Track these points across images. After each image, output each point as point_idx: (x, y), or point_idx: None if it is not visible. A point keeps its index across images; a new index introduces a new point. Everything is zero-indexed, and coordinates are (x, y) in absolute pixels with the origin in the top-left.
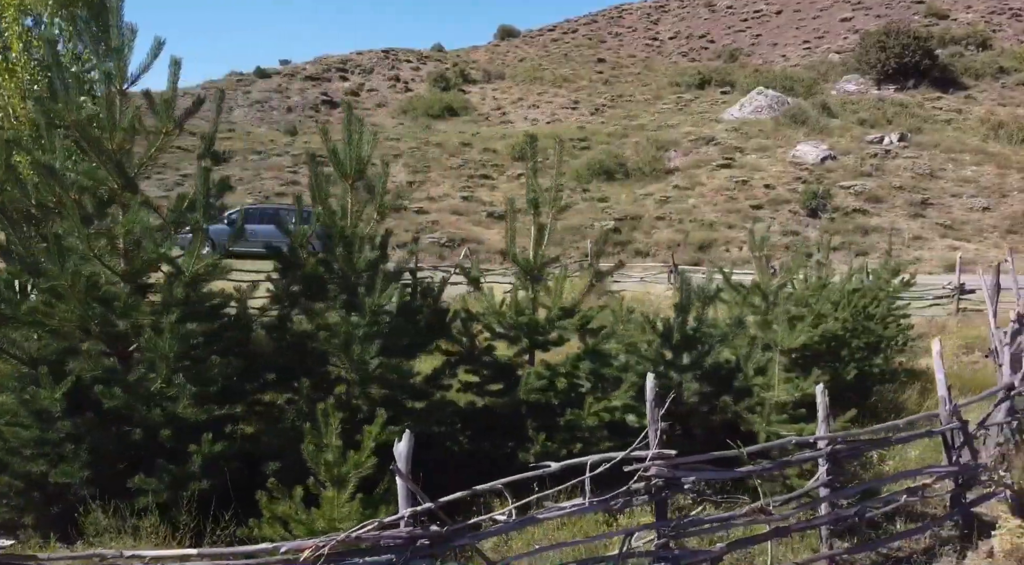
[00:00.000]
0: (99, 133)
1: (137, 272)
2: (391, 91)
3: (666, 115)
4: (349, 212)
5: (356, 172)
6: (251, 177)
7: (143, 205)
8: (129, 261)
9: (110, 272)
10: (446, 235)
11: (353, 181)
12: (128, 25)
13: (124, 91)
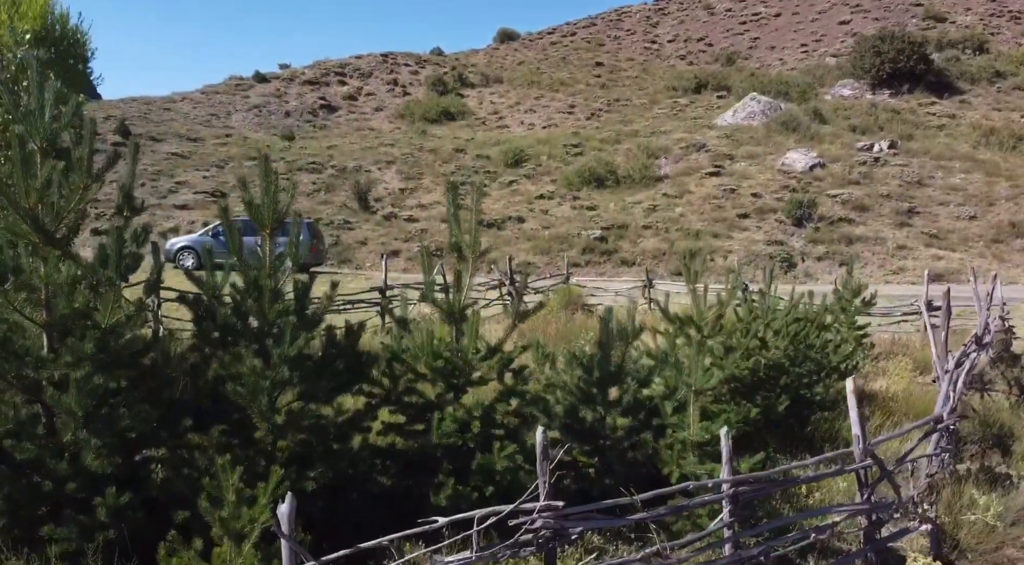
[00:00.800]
0: (15, 193)
1: (57, 323)
2: (389, 95)
3: (660, 120)
4: (266, 261)
5: (273, 221)
6: (252, 183)
7: (65, 258)
8: (50, 312)
9: (30, 322)
10: (435, 243)
11: (271, 230)
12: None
13: (43, 149)
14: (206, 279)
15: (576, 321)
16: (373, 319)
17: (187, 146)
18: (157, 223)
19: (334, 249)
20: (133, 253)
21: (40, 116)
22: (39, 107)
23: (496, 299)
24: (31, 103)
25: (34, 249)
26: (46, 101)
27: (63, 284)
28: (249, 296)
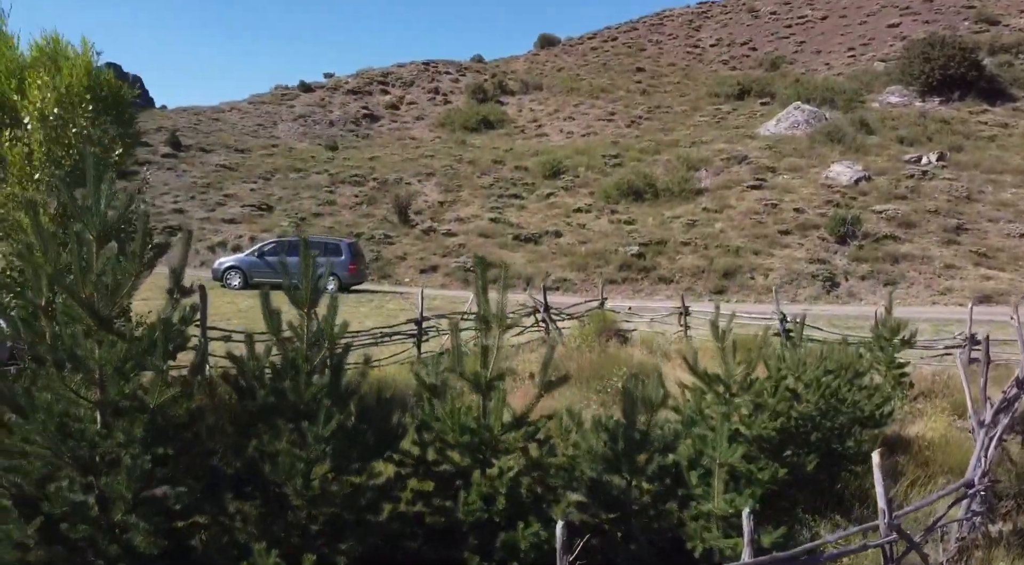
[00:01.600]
0: (72, 283)
1: (110, 403)
2: (430, 104)
3: (702, 129)
4: (304, 340)
5: (311, 302)
6: (290, 196)
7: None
8: (104, 391)
9: (85, 402)
10: (471, 260)
11: (308, 309)
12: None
13: (98, 239)
14: (247, 360)
15: (610, 350)
16: (409, 350)
17: (235, 157)
18: (206, 237)
19: (375, 264)
20: (181, 332)
21: (96, 211)
22: (95, 202)
23: (531, 326)
24: (88, 199)
25: (89, 331)
26: (102, 194)
27: (114, 367)
28: (286, 377)
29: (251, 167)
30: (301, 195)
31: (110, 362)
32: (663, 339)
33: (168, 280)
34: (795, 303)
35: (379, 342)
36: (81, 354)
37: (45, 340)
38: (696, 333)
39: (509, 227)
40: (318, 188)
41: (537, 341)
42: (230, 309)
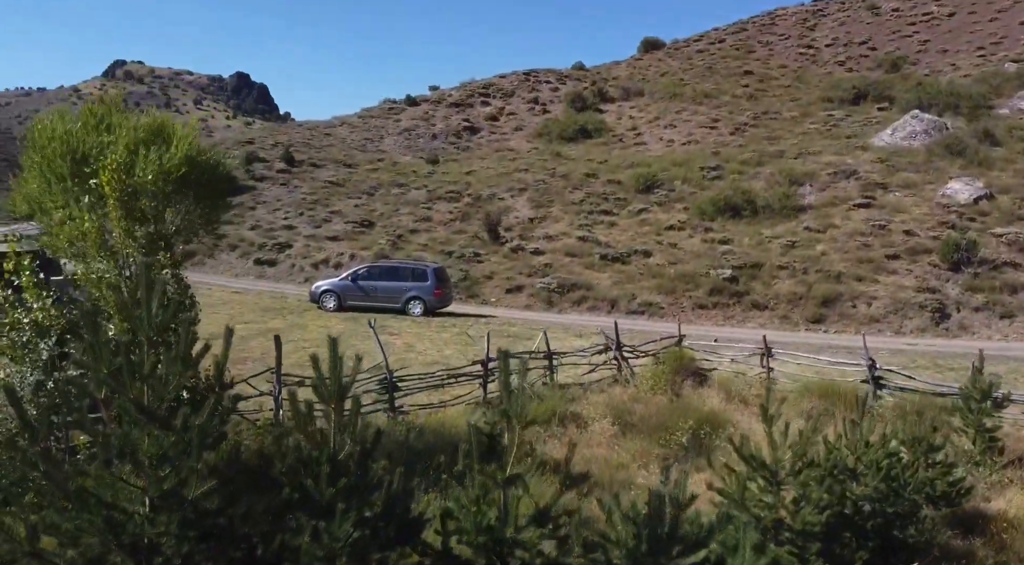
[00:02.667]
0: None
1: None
2: (529, 114)
3: (811, 137)
4: (332, 438)
5: (338, 396)
6: (390, 212)
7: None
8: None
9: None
10: (556, 280)
11: (336, 404)
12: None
13: (150, 341)
14: (275, 456)
15: (685, 392)
16: (475, 391)
17: (342, 173)
18: (311, 254)
19: (462, 283)
20: (218, 429)
21: (147, 317)
22: (147, 308)
23: (602, 364)
24: (140, 306)
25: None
26: (153, 300)
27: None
28: (309, 475)
29: (357, 182)
30: (400, 211)
31: (154, 455)
32: (743, 381)
33: (213, 372)
34: (899, 335)
35: (444, 383)
36: (127, 446)
37: (102, 431)
38: (782, 371)
39: (597, 245)
40: (416, 204)
41: (608, 380)
42: (322, 333)
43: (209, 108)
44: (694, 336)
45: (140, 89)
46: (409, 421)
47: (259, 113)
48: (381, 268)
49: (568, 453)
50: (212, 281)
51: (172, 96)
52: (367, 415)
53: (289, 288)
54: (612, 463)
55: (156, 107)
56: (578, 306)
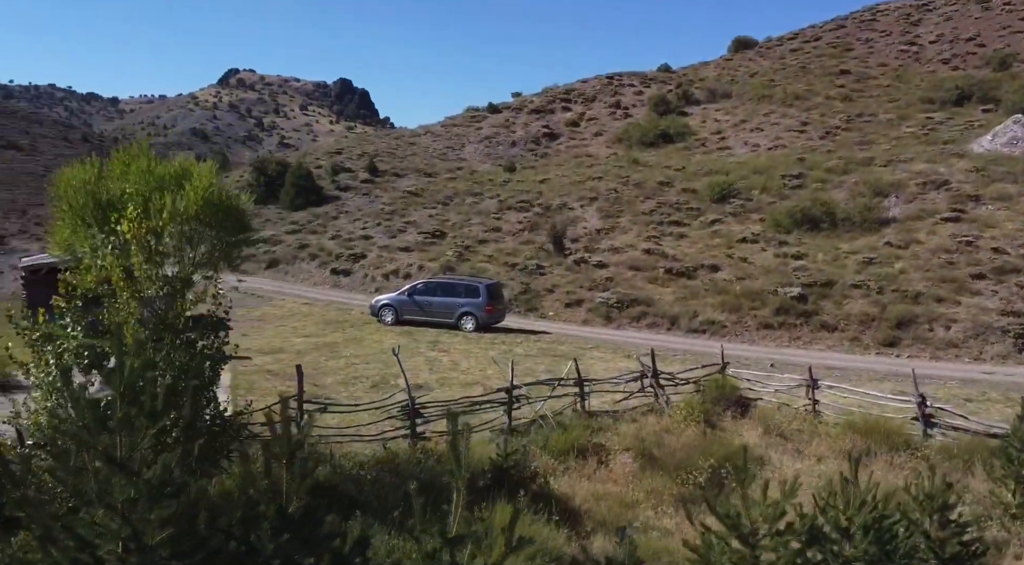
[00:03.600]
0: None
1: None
2: (610, 119)
3: (905, 143)
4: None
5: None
6: (462, 223)
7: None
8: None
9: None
10: (616, 294)
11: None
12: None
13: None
14: (222, 508)
15: (723, 424)
16: (500, 418)
17: (422, 182)
18: (382, 265)
19: (522, 297)
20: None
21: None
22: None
23: (638, 391)
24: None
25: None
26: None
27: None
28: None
29: (434, 192)
30: (472, 221)
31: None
32: (786, 413)
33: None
34: (978, 362)
35: (470, 410)
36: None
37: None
38: (828, 403)
39: (663, 258)
40: (487, 214)
41: (644, 408)
42: (375, 348)
43: (314, 113)
44: (752, 359)
45: (251, 96)
46: (428, 448)
47: (360, 118)
48: (436, 284)
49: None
50: (289, 290)
51: (280, 102)
52: (389, 440)
53: (359, 299)
54: (625, 501)
55: (265, 113)
56: (637, 322)
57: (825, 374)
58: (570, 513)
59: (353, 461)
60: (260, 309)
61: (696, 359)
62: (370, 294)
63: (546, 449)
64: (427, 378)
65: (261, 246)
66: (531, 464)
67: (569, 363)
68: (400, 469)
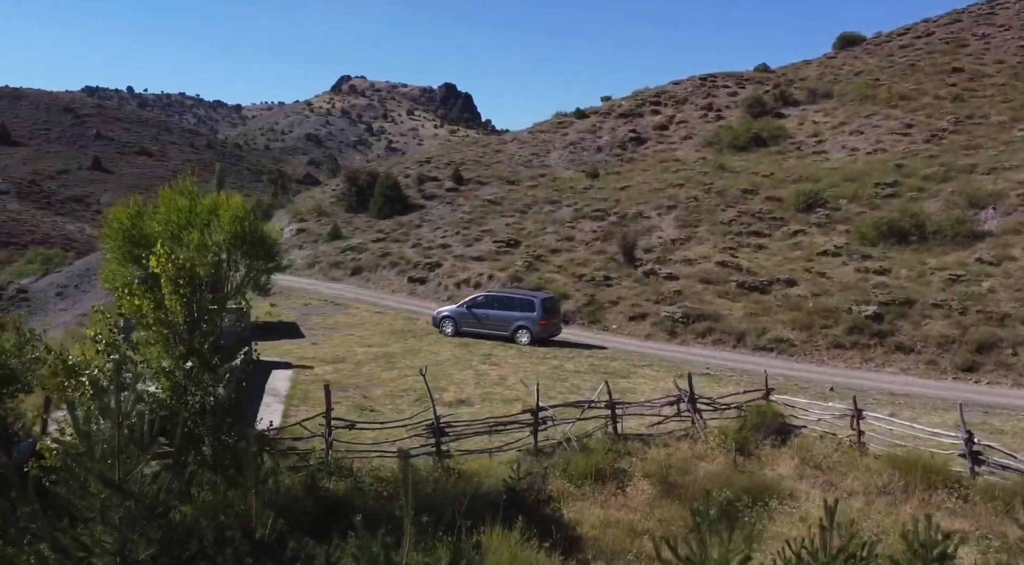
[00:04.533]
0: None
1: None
2: (701, 121)
3: (1015, 147)
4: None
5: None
6: (537, 231)
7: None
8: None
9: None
10: (682, 309)
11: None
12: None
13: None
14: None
15: (759, 454)
16: (526, 438)
17: (503, 190)
18: (455, 273)
19: (585, 309)
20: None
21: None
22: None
23: (672, 416)
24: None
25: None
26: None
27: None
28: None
29: (513, 200)
30: (547, 229)
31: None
32: (829, 443)
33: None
34: None
35: (492, 430)
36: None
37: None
38: (875, 434)
39: (736, 271)
40: (562, 223)
41: (679, 433)
42: (430, 360)
43: (420, 117)
44: (813, 381)
45: (362, 102)
46: (452, 466)
47: (463, 121)
48: (493, 297)
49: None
50: (368, 297)
51: (388, 107)
52: (415, 457)
53: (430, 308)
54: (635, 529)
55: (375, 118)
56: (702, 338)
57: (889, 400)
58: (574, 540)
59: (374, 476)
60: (335, 317)
61: (755, 380)
62: (441, 302)
63: (566, 472)
64: (471, 393)
65: (348, 253)
66: (545, 487)
67: (601, 385)
68: (418, 487)
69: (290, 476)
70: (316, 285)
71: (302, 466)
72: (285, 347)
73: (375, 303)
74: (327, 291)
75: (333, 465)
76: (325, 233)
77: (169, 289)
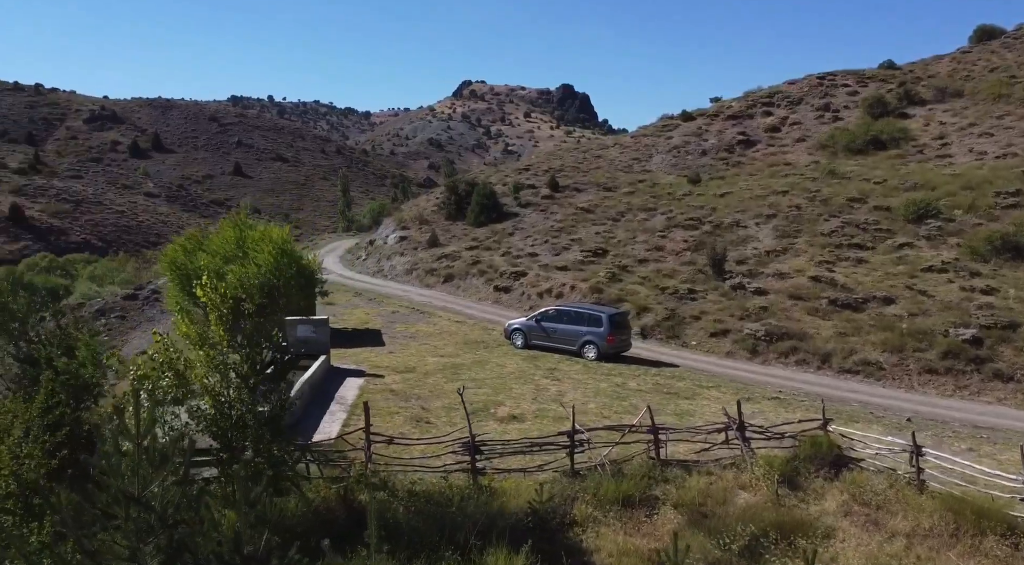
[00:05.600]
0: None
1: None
2: (816, 122)
3: None
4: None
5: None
6: (627, 240)
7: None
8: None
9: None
10: (766, 326)
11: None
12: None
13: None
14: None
15: (806, 487)
16: (561, 459)
17: (598, 197)
18: (538, 283)
19: (665, 323)
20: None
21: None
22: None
23: (721, 443)
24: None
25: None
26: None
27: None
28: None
29: (607, 208)
30: (637, 238)
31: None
32: (883, 480)
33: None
34: None
35: (529, 450)
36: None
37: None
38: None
39: (830, 287)
40: (653, 232)
41: (726, 461)
42: (495, 372)
43: (537, 119)
44: (893, 409)
45: (481, 106)
46: (484, 484)
47: (579, 122)
48: (562, 311)
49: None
50: (454, 305)
51: (506, 110)
52: (450, 473)
53: (510, 317)
54: (653, 559)
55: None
56: (784, 358)
57: (971, 433)
58: None
59: (407, 490)
60: (416, 325)
61: (834, 408)
62: (524, 312)
63: (596, 497)
64: (526, 409)
65: (443, 261)
66: (570, 511)
67: (643, 409)
68: (449, 502)
69: (326, 487)
70: (410, 292)
71: (344, 477)
72: (364, 355)
73: (459, 311)
74: (418, 298)
75: (369, 478)
76: (424, 240)
77: (214, 315)
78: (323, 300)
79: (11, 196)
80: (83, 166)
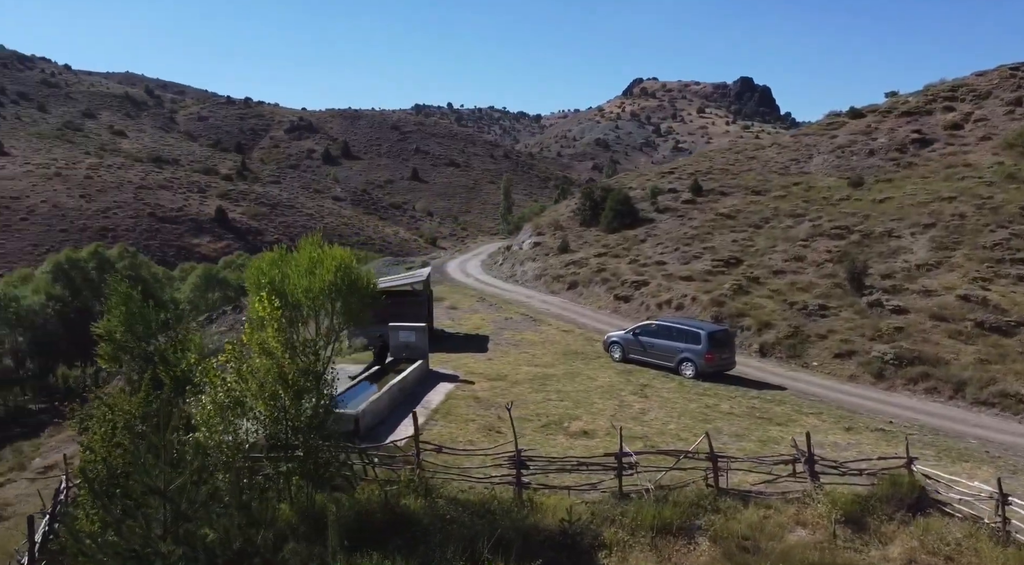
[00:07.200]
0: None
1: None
2: (1006, 119)
3: None
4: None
5: (239, 506)
6: (766, 249)
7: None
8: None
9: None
10: (896, 349)
11: (241, 509)
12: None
13: (167, 461)
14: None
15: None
16: (609, 482)
17: (744, 201)
18: (659, 293)
19: (786, 341)
20: (194, 506)
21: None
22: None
23: (786, 476)
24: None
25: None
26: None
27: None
28: None
29: (750, 213)
30: (777, 247)
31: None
32: (964, 528)
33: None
34: None
35: (573, 469)
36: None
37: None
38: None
39: (980, 307)
40: (795, 240)
41: (791, 495)
42: (584, 385)
43: (711, 115)
44: (1020, 448)
45: (651, 103)
46: (527, 500)
47: (759, 116)
48: (661, 325)
49: None
50: (571, 312)
51: (678, 107)
52: (495, 485)
53: (623, 326)
54: None
55: (663, 119)
56: (912, 385)
57: None
58: None
59: (448, 498)
60: (524, 333)
61: (945, 444)
62: (643, 319)
63: (635, 521)
64: (598, 426)
65: (570, 267)
66: (600, 533)
67: (701, 436)
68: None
69: (371, 490)
70: (533, 297)
71: (394, 481)
72: (464, 360)
73: (572, 320)
74: (538, 305)
75: (415, 484)
76: (555, 246)
77: (272, 329)
78: (445, 304)
79: (218, 200)
80: (282, 172)
